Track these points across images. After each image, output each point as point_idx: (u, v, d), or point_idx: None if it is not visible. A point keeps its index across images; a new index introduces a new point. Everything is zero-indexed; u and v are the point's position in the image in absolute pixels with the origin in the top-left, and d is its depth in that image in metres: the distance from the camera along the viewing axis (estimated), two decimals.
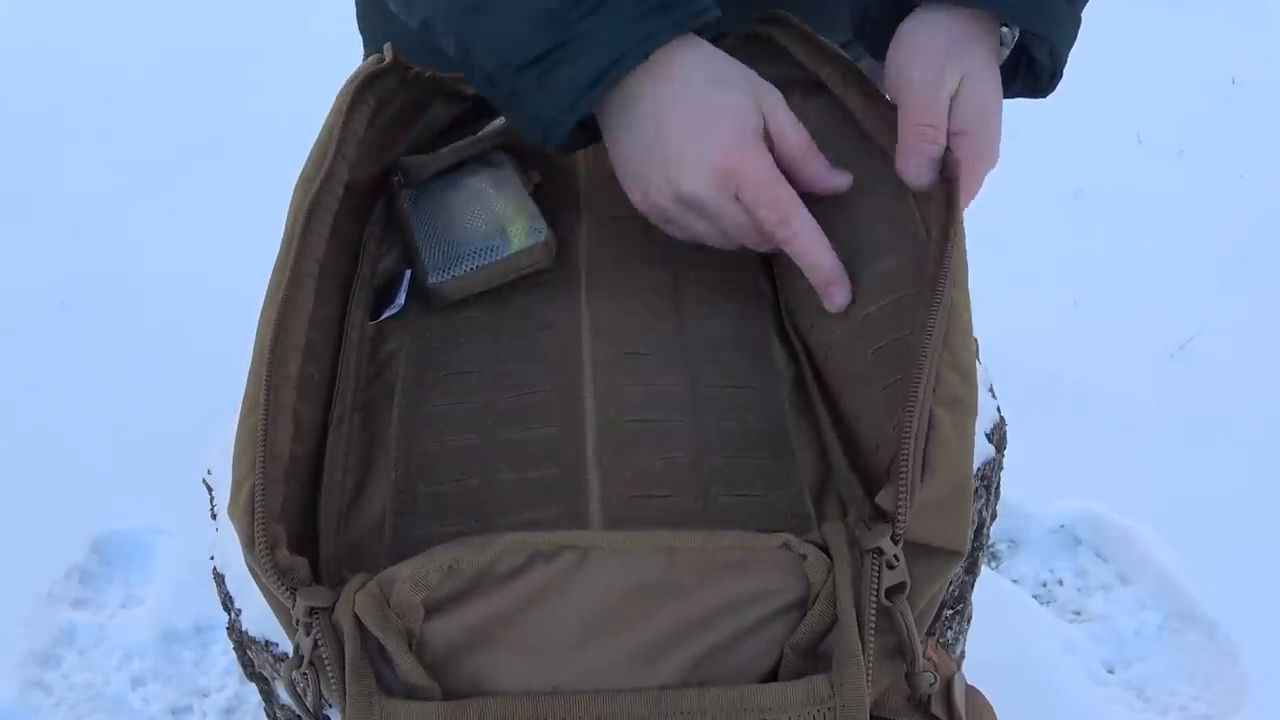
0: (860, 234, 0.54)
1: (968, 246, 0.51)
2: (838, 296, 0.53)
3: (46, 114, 2.14)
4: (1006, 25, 0.58)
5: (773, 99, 0.54)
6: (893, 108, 0.57)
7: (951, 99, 0.54)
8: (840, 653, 0.39)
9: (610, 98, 0.53)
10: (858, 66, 0.60)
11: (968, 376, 0.45)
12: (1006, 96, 0.59)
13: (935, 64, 0.54)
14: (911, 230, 0.53)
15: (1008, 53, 0.59)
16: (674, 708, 0.38)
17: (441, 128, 0.69)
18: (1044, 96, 0.61)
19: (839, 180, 0.56)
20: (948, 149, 0.53)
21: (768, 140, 0.54)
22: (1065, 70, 0.59)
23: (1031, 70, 0.59)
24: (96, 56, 2.29)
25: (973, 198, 0.55)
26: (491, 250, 0.57)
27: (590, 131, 0.57)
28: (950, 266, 0.47)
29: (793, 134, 0.54)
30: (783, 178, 0.53)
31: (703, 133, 0.52)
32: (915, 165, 0.52)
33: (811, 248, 0.53)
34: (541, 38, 0.51)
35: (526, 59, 0.52)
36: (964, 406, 0.44)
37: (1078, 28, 0.58)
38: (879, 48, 0.60)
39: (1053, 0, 0.55)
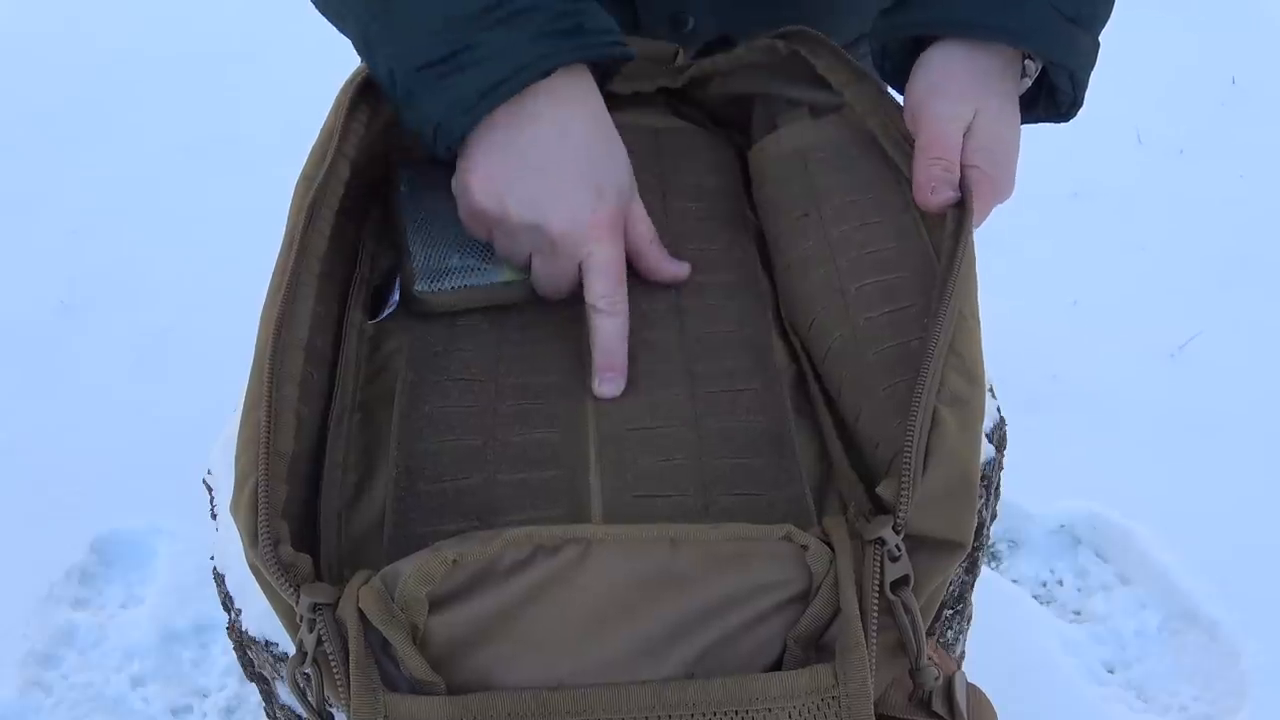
0: (870, 246, 0.55)
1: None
2: (610, 385, 0.53)
3: (47, 115, 2.14)
4: (1030, 58, 0.59)
5: (633, 182, 0.56)
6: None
7: (966, 133, 0.56)
8: (843, 642, 0.39)
9: (507, 109, 0.52)
10: (881, 84, 0.62)
11: (975, 383, 0.45)
12: (1030, 121, 0.60)
13: (951, 99, 0.56)
14: (920, 249, 0.54)
15: (1029, 83, 0.60)
16: (678, 699, 0.39)
17: None
18: (1067, 120, 0.62)
19: (676, 269, 0.58)
20: (961, 178, 0.55)
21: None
22: (1087, 95, 0.60)
23: (1053, 97, 0.60)
24: (96, 57, 2.29)
25: (979, 224, 0.56)
26: (481, 273, 0.57)
27: None
28: (957, 279, 0.48)
29: (644, 224, 0.56)
30: (624, 261, 0.54)
31: (586, 186, 0.53)
32: (926, 192, 0.55)
33: (615, 332, 0.53)
34: (446, 41, 0.51)
35: (429, 60, 0.51)
36: (970, 408, 0.44)
37: (1096, 51, 0.59)
38: (898, 77, 0.61)
39: (1069, 30, 0.57)
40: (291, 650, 0.41)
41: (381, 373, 0.54)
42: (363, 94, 0.61)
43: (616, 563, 0.40)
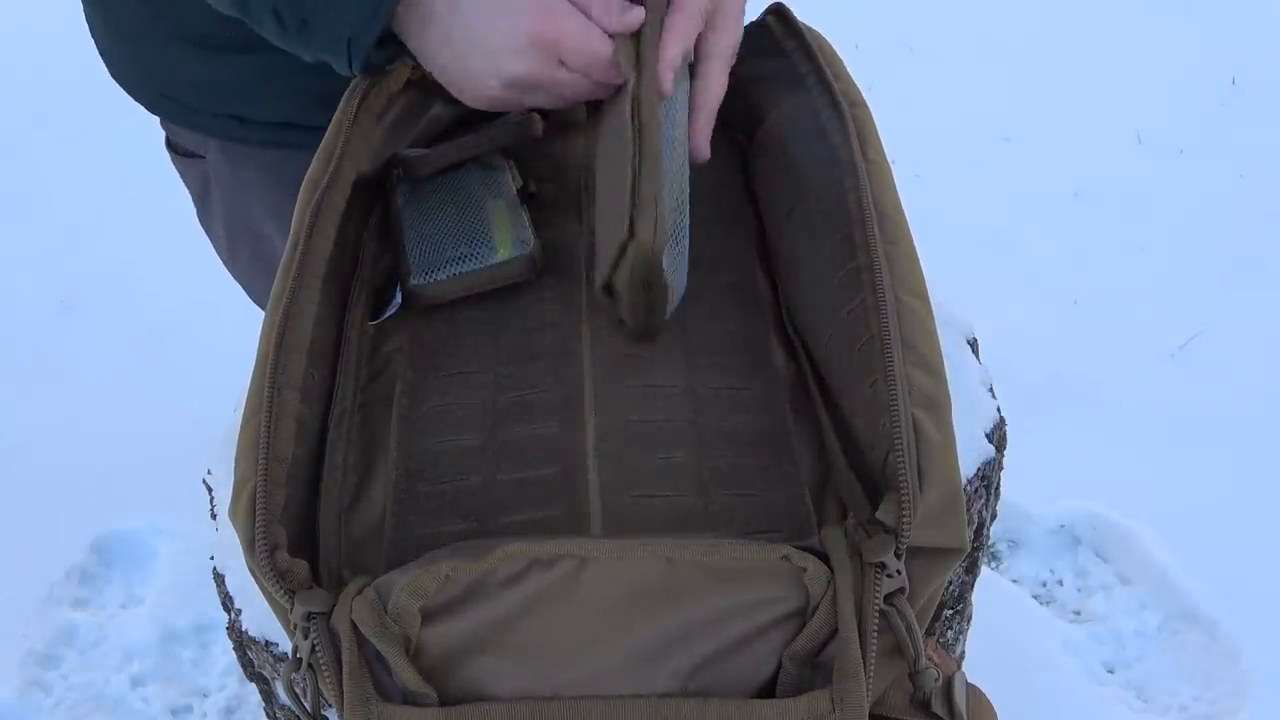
0: (822, 238, 0.54)
1: (968, 246, 0.51)
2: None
3: (47, 114, 2.14)
4: None
5: None
6: (849, 118, 0.57)
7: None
8: (841, 667, 0.39)
9: (406, 2, 0.53)
10: (830, 77, 0.60)
11: (936, 373, 0.45)
12: None
13: None
14: (861, 238, 0.52)
15: None
16: (674, 715, 0.38)
17: (443, 129, 0.69)
18: None
19: (632, 17, 0.54)
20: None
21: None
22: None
23: None
24: (96, 56, 2.29)
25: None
26: (475, 257, 0.57)
27: (396, 46, 0.57)
28: (881, 269, 0.47)
29: None
30: (595, 28, 0.54)
31: (505, 13, 0.53)
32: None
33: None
34: None
35: None
36: (939, 405, 0.44)
37: None
38: None
39: None
40: (290, 652, 0.41)
41: (381, 373, 0.54)
42: (368, 96, 0.61)
43: (612, 575, 0.39)
